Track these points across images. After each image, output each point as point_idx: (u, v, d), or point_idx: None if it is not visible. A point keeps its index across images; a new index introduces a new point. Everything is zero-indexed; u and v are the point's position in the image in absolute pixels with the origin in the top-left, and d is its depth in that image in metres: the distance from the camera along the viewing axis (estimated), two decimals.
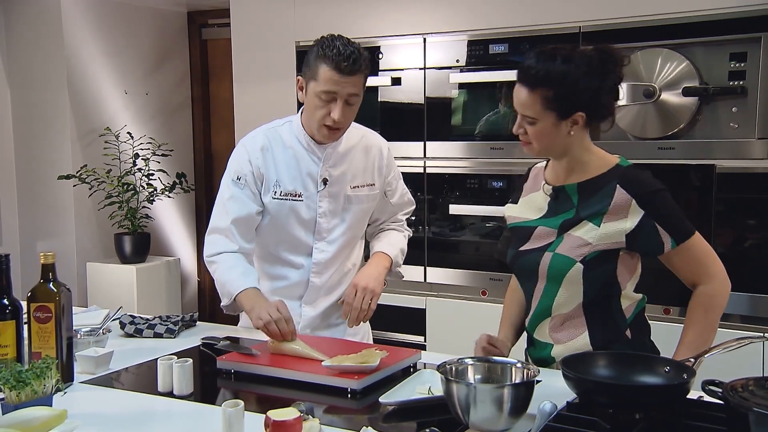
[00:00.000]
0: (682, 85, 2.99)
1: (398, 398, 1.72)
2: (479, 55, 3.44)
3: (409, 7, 3.61)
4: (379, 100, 3.68)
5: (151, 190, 4.61)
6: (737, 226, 3.01)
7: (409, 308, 3.64)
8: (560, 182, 1.96)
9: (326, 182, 2.29)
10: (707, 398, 1.50)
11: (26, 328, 1.85)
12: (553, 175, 1.99)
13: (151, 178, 4.61)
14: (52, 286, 1.84)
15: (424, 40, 3.56)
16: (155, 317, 2.44)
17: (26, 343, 1.86)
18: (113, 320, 2.42)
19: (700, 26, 2.98)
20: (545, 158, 2.04)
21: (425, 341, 3.60)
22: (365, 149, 2.36)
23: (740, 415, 1.32)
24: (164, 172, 4.73)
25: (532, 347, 2.04)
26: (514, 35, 3.36)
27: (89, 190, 4.46)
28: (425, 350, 2.32)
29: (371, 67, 3.32)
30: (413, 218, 3.55)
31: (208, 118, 5.31)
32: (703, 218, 2.97)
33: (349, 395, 1.80)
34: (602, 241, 1.85)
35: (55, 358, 1.79)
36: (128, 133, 4.65)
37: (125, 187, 4.51)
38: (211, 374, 2.00)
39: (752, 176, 2.93)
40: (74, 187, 4.47)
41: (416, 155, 3.58)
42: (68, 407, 1.59)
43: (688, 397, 1.53)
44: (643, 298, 1.97)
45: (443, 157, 3.55)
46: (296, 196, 2.27)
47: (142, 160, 4.60)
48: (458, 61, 3.49)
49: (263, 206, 2.30)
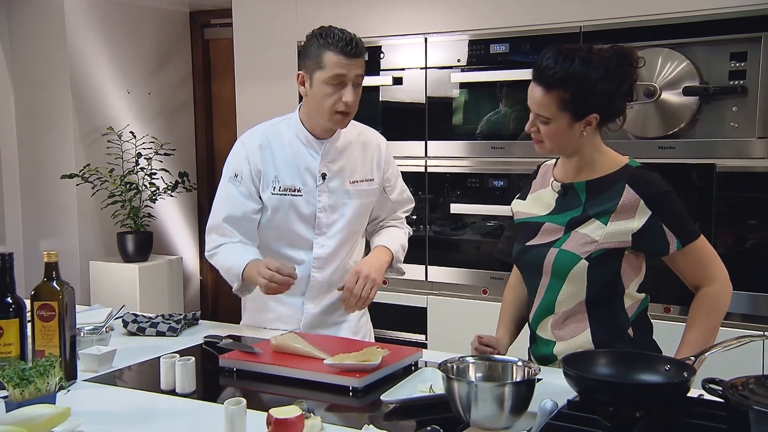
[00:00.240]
0: (682, 84, 2.99)
1: (399, 396, 1.72)
2: (480, 54, 3.43)
3: (410, 6, 3.60)
4: (380, 99, 3.67)
5: (153, 189, 4.62)
6: (737, 225, 3.00)
7: (410, 307, 3.63)
8: (569, 180, 1.96)
9: (325, 177, 2.30)
10: (707, 396, 1.51)
11: (30, 326, 1.86)
12: (562, 172, 2.00)
13: (153, 177, 4.61)
14: (55, 284, 1.84)
15: (425, 39, 3.56)
16: (158, 316, 2.45)
17: (30, 341, 1.87)
18: (116, 319, 2.42)
19: (700, 26, 2.97)
20: (555, 156, 2.05)
21: (426, 340, 3.60)
22: (363, 145, 2.38)
23: (740, 413, 1.33)
24: (166, 171, 4.73)
25: (534, 344, 2.04)
26: (514, 35, 3.36)
27: (92, 189, 4.46)
28: (426, 349, 2.31)
29: (372, 66, 3.32)
30: (414, 217, 3.55)
31: (210, 117, 5.31)
32: (703, 217, 2.97)
33: (350, 393, 1.80)
34: (608, 239, 1.85)
35: (58, 356, 1.79)
36: (131, 132, 4.66)
37: (128, 186, 4.51)
38: (213, 372, 2.00)
39: (752, 175, 2.93)
40: (77, 186, 4.48)
41: (417, 154, 3.58)
42: (71, 405, 1.60)
43: (688, 395, 1.53)
44: (646, 297, 1.97)
45: (444, 156, 3.55)
46: (295, 191, 2.29)
47: (144, 159, 4.61)
48: (459, 60, 3.48)
49: (261, 203, 2.32)
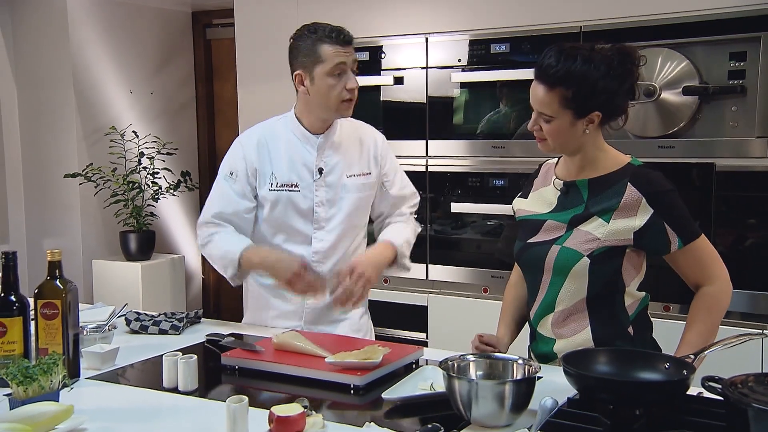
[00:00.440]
0: (682, 84, 2.98)
1: (401, 394, 1.72)
2: (481, 54, 3.43)
3: (411, 7, 3.60)
4: (381, 99, 3.67)
5: (155, 188, 4.62)
6: (737, 224, 3.00)
7: (411, 305, 3.63)
8: (571, 178, 1.97)
9: (321, 171, 2.32)
10: (707, 394, 1.51)
11: (33, 324, 1.87)
12: (564, 171, 2.00)
13: (155, 176, 4.62)
14: (58, 283, 1.85)
15: (426, 39, 3.55)
16: (160, 314, 2.45)
17: (33, 339, 1.87)
18: (119, 317, 2.43)
19: (700, 26, 2.97)
20: (557, 155, 2.05)
21: (427, 338, 3.60)
22: (359, 139, 2.40)
23: (739, 410, 1.33)
24: (169, 170, 4.74)
25: (535, 342, 2.04)
26: (515, 35, 3.36)
27: (95, 188, 4.47)
28: (427, 347, 2.32)
29: (373, 66, 3.31)
30: (416, 216, 3.57)
31: (212, 117, 5.32)
32: (702, 216, 2.97)
33: (352, 391, 1.80)
34: (610, 237, 1.86)
35: (61, 354, 1.80)
36: (133, 131, 4.66)
37: (130, 185, 4.52)
38: (215, 370, 2.00)
39: (751, 174, 2.93)
40: (80, 185, 4.49)
41: (418, 154, 3.58)
42: (75, 402, 1.61)
43: (688, 393, 1.53)
44: (646, 296, 1.97)
45: (445, 155, 3.55)
46: (293, 186, 2.31)
47: (147, 158, 4.61)
48: (460, 60, 3.48)
49: (255, 202, 2.34)
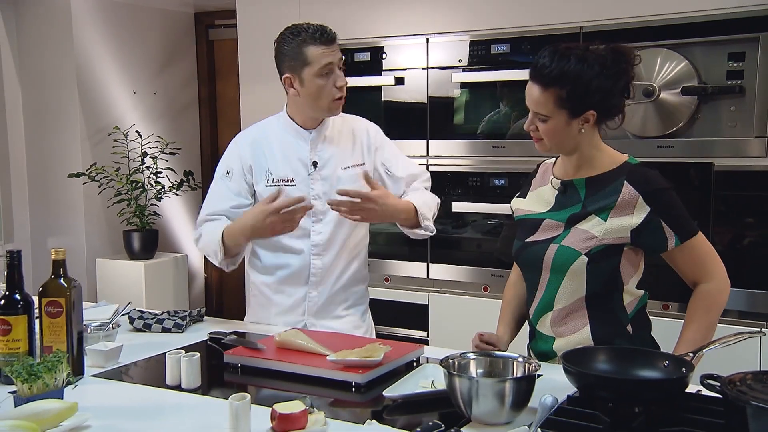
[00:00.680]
0: (681, 84, 2.99)
1: (402, 392, 1.73)
2: (481, 55, 3.44)
3: (412, 7, 3.61)
4: (382, 99, 3.68)
5: (159, 187, 4.63)
6: (735, 223, 3.01)
7: (412, 304, 3.64)
8: (569, 177, 1.97)
9: (316, 165, 2.35)
10: (706, 392, 1.52)
11: (38, 322, 1.87)
12: (562, 170, 2.01)
13: (158, 176, 4.63)
14: (62, 281, 1.86)
15: (426, 40, 3.56)
16: (163, 312, 2.46)
17: (38, 337, 1.87)
18: (122, 315, 2.44)
19: (698, 26, 2.97)
20: (554, 155, 2.06)
21: (428, 336, 3.61)
22: (351, 131, 2.43)
23: (738, 408, 1.33)
24: (172, 170, 4.75)
25: (534, 340, 2.05)
26: (515, 35, 3.36)
27: (98, 187, 4.48)
28: (428, 345, 2.33)
29: (375, 67, 3.31)
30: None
31: (214, 117, 5.33)
32: (701, 215, 2.97)
33: (353, 389, 1.81)
34: (608, 235, 1.86)
35: (65, 352, 1.81)
36: (137, 131, 4.67)
37: (134, 184, 4.52)
38: (218, 368, 2.01)
39: (750, 174, 2.94)
40: (84, 184, 4.50)
41: (419, 153, 3.57)
42: (79, 400, 1.61)
43: (686, 391, 1.54)
44: (644, 294, 1.98)
45: (446, 155, 3.56)
46: (289, 181, 2.35)
47: (150, 158, 4.62)
48: (460, 60, 3.48)
49: (251, 200, 2.39)
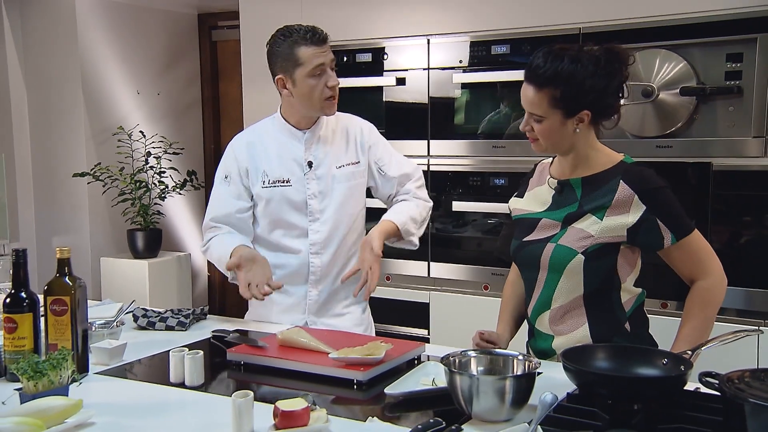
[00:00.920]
0: (679, 84, 3.00)
1: (403, 389, 1.74)
2: (481, 55, 3.44)
3: (413, 9, 3.62)
4: (384, 99, 3.69)
5: (162, 187, 4.65)
6: (733, 222, 3.01)
7: (413, 302, 3.66)
8: (565, 177, 1.98)
9: (311, 165, 2.38)
10: (704, 390, 1.53)
11: (43, 320, 1.89)
12: (558, 170, 2.02)
13: (162, 175, 4.64)
14: (67, 280, 1.87)
15: (427, 41, 3.57)
16: (167, 310, 2.48)
17: (43, 335, 1.89)
18: (126, 313, 2.46)
19: (697, 27, 2.98)
20: (551, 155, 2.07)
21: (429, 334, 3.62)
22: (344, 130, 2.45)
23: (736, 406, 1.34)
24: (175, 169, 4.76)
25: (533, 339, 2.06)
26: (515, 36, 3.37)
27: (103, 187, 4.50)
28: (429, 343, 2.35)
29: (376, 67, 3.33)
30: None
31: (217, 117, 5.34)
32: (699, 215, 2.98)
33: (355, 386, 1.82)
34: (604, 234, 1.87)
35: (70, 349, 1.81)
36: (140, 131, 4.69)
37: (138, 184, 4.54)
38: (221, 366, 2.02)
39: (748, 174, 2.95)
40: (88, 184, 4.51)
41: (420, 153, 3.59)
42: (83, 397, 1.63)
43: (685, 388, 1.55)
44: (642, 292, 1.99)
45: (446, 155, 3.57)
46: (285, 181, 2.37)
47: (153, 158, 4.64)
48: (461, 61, 3.49)
49: (251, 202, 2.41)
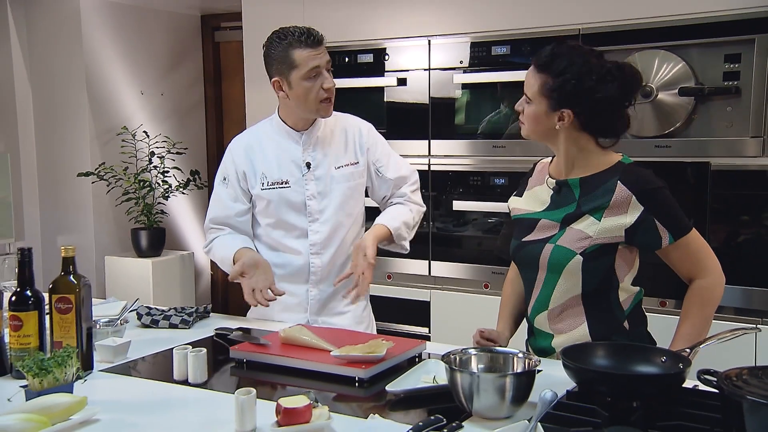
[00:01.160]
0: (678, 85, 3.01)
1: (404, 387, 1.75)
2: (482, 56, 3.45)
3: (414, 10, 3.63)
4: (385, 100, 3.69)
5: (166, 186, 4.67)
6: (731, 221, 3.02)
7: (414, 301, 3.67)
8: (563, 177, 1.98)
9: (309, 166, 2.39)
10: (702, 387, 1.55)
11: (48, 318, 1.90)
12: (557, 170, 2.02)
13: (166, 175, 4.67)
14: (72, 278, 1.88)
15: (428, 42, 3.58)
16: (170, 309, 2.49)
17: (48, 332, 1.91)
18: (130, 311, 2.48)
19: (695, 28, 2.99)
20: (552, 155, 2.08)
21: (430, 332, 3.63)
22: (343, 130, 2.46)
23: (734, 403, 1.35)
24: (178, 169, 4.79)
25: (532, 337, 2.07)
26: (515, 37, 3.38)
27: (107, 186, 4.52)
28: (430, 341, 2.36)
29: (377, 68, 3.33)
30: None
31: (220, 117, 5.36)
32: (698, 214, 2.99)
33: (356, 384, 1.83)
34: (602, 235, 1.88)
35: (75, 347, 1.85)
36: (144, 132, 4.71)
37: (141, 184, 4.56)
38: (224, 363, 2.04)
39: (746, 173, 2.96)
40: (93, 183, 4.54)
41: (421, 153, 3.60)
42: (88, 394, 1.65)
43: (683, 386, 1.57)
44: (640, 291, 2.00)
45: (447, 155, 3.57)
46: (283, 183, 2.39)
47: (157, 158, 4.66)
48: (462, 62, 3.50)
49: (249, 204, 2.43)
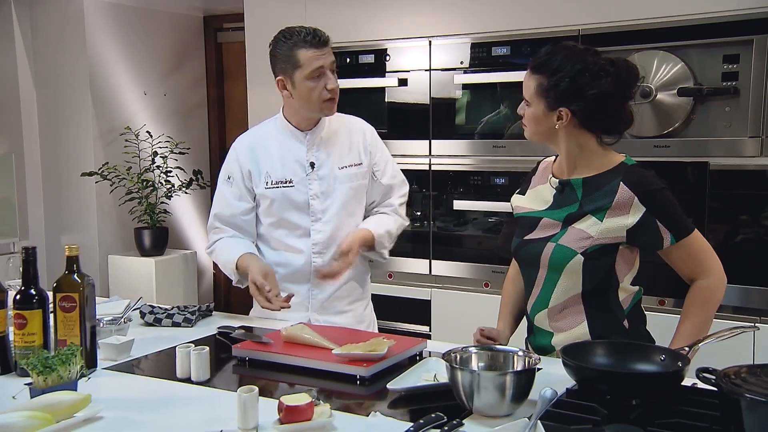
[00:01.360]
0: (677, 85, 3.02)
1: (405, 385, 1.76)
2: (482, 57, 3.46)
3: (415, 11, 3.64)
4: (386, 100, 3.69)
5: (168, 186, 4.69)
6: (730, 221, 3.03)
7: (414, 299, 3.68)
8: (566, 176, 1.99)
9: (313, 166, 2.40)
10: (701, 385, 1.55)
11: (52, 316, 1.92)
12: (559, 169, 2.02)
13: (168, 175, 4.69)
14: (76, 277, 1.90)
15: (429, 42, 3.59)
16: (173, 307, 2.50)
17: (52, 331, 1.92)
18: (134, 310, 2.49)
19: (694, 29, 3.00)
20: (554, 154, 2.09)
21: (430, 331, 3.64)
22: (348, 131, 2.48)
23: (733, 401, 1.35)
24: (181, 169, 4.81)
25: (532, 335, 2.08)
26: (515, 38, 3.38)
27: (110, 186, 4.55)
28: (430, 339, 2.38)
29: (378, 68, 3.34)
30: (418, 213, 3.58)
31: (222, 117, 5.38)
32: (697, 214, 3.00)
33: (358, 382, 1.84)
34: (604, 235, 1.89)
35: (79, 345, 1.84)
36: (147, 132, 4.74)
37: (144, 183, 4.59)
38: (226, 361, 2.05)
39: (744, 173, 2.96)
40: (96, 183, 4.56)
41: (422, 153, 3.61)
42: (92, 392, 1.66)
43: (682, 384, 1.58)
44: (639, 290, 2.00)
45: (448, 154, 3.58)
46: (287, 182, 2.40)
47: (160, 157, 4.68)
48: (462, 62, 3.51)
49: (253, 203, 2.45)
